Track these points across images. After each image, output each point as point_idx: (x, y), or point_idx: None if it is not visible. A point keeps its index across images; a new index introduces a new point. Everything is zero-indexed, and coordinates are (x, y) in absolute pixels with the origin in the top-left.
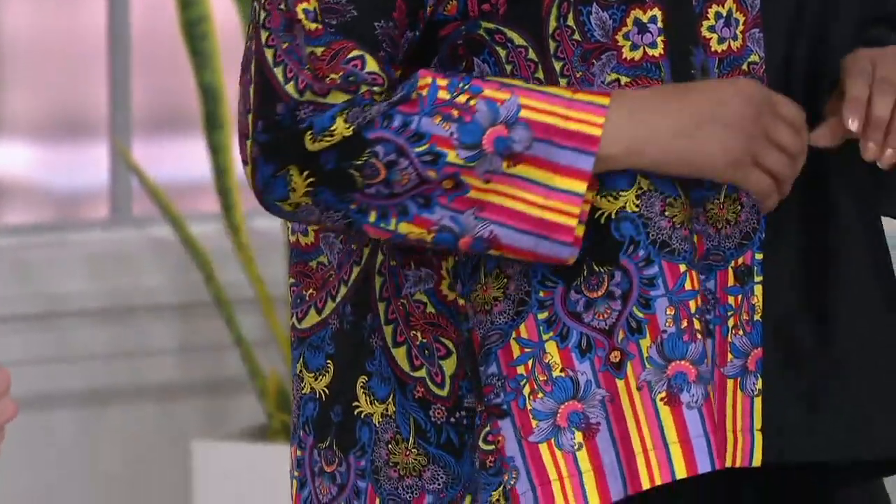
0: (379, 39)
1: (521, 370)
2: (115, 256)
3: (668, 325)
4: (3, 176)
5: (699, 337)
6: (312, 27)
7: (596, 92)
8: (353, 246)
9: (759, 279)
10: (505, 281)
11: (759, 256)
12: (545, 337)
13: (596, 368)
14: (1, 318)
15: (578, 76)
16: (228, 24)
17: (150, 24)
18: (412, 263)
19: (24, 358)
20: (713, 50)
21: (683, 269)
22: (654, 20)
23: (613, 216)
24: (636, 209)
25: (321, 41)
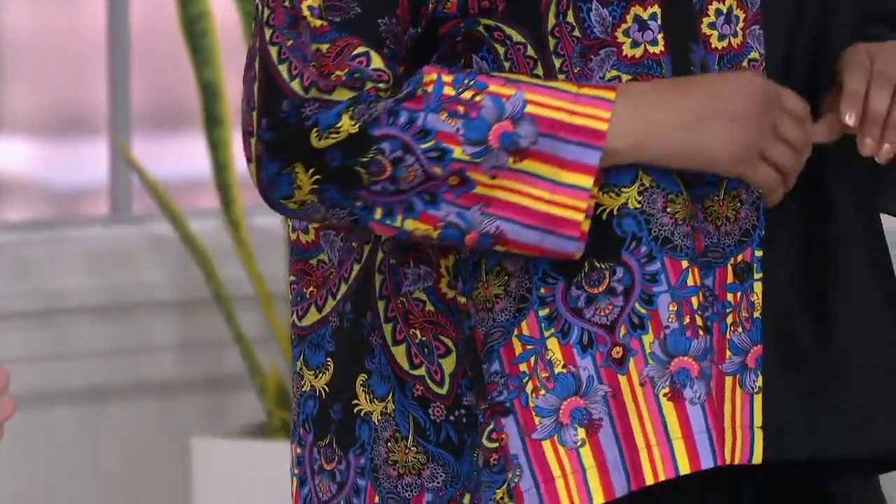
0: (383, 36)
1: (523, 367)
2: (114, 253)
3: (670, 320)
4: (3, 172)
5: (701, 333)
6: (318, 24)
7: (601, 86)
8: (353, 244)
9: (758, 276)
10: (506, 278)
11: (758, 253)
12: (546, 333)
13: (598, 364)
14: (0, 315)
15: (577, 72)
16: (228, 20)
17: (149, 21)
18: (411, 261)
19: (23, 355)
20: (713, 47)
21: (685, 265)
22: (654, 17)
23: (615, 212)
24: (638, 205)
25: (326, 38)
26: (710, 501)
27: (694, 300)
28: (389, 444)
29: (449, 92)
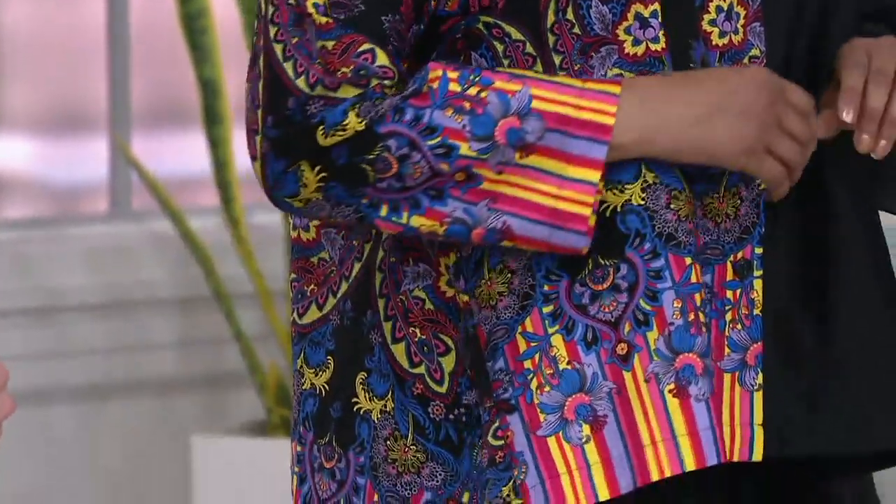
0: (387, 33)
1: (527, 364)
2: (114, 251)
3: (675, 317)
4: (2, 170)
5: (704, 330)
6: (323, 21)
7: (606, 81)
8: (354, 242)
9: (758, 273)
10: (509, 276)
11: (758, 251)
12: (551, 330)
13: (602, 361)
14: (0, 312)
15: (577, 69)
16: (228, 18)
17: (149, 18)
18: (411, 260)
19: (23, 352)
20: (714, 44)
21: (689, 261)
22: (655, 15)
23: (619, 209)
24: (642, 202)
25: (332, 35)
26: (711, 500)
27: (697, 297)
28: (389, 442)
29: (454, 88)
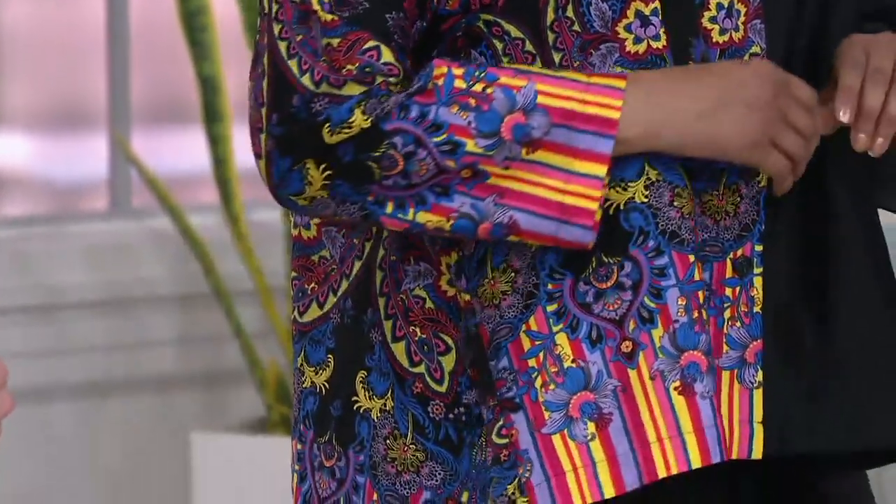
0: (391, 31)
1: (532, 363)
2: (114, 248)
3: (679, 314)
4: (2, 167)
5: (706, 328)
6: (329, 18)
7: (612, 75)
8: (354, 240)
9: (758, 271)
10: (512, 275)
11: (759, 248)
12: (555, 329)
13: (607, 359)
14: (0, 309)
15: (577, 66)
16: (228, 15)
17: (149, 15)
18: (412, 258)
19: (22, 350)
20: (714, 41)
21: (692, 259)
22: (655, 12)
23: (622, 207)
24: (645, 199)
25: (337, 32)
26: (711, 497)
27: (700, 294)
28: (388, 441)
29: (460, 85)
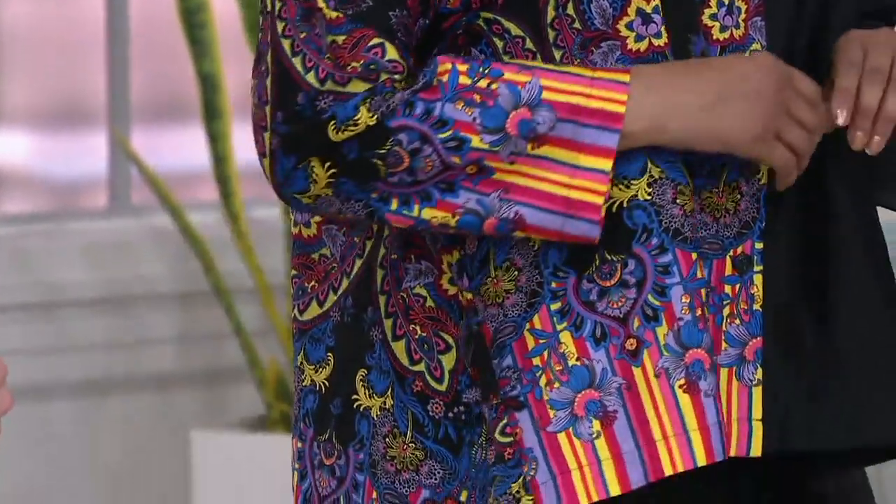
0: (395, 28)
1: (536, 361)
2: (113, 245)
3: (683, 312)
4: (1, 165)
5: (708, 325)
6: (334, 16)
7: (615, 70)
8: (355, 239)
9: (758, 268)
10: (516, 273)
11: (759, 246)
12: (559, 327)
13: (611, 356)
14: None
15: (577, 64)
16: (227, 12)
17: (148, 12)
18: (412, 257)
19: (22, 348)
20: (715, 38)
21: (695, 257)
22: (657, 10)
23: (625, 204)
24: (648, 197)
25: (342, 29)
26: (712, 494)
27: (703, 292)
28: (388, 439)
29: (464, 81)
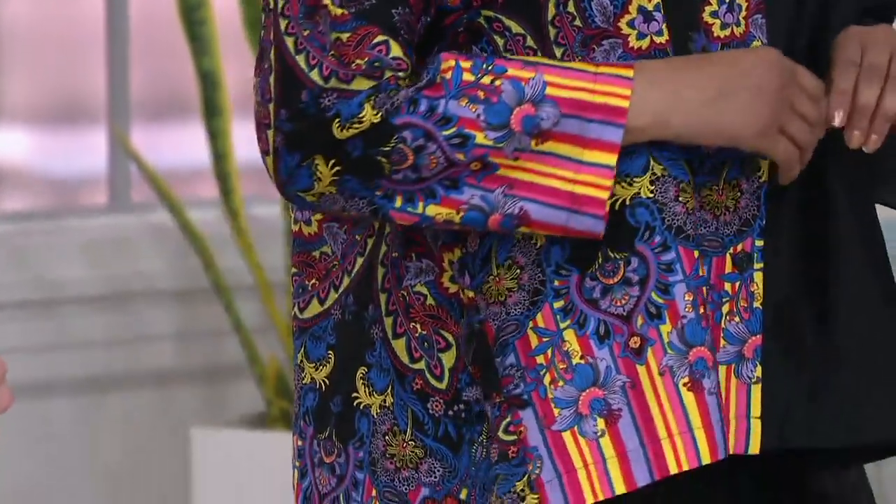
0: (398, 26)
1: (540, 360)
2: (113, 243)
3: (687, 310)
4: (1, 162)
5: (710, 323)
6: (339, 13)
7: (618, 65)
8: (356, 236)
9: (759, 266)
10: (518, 271)
11: (759, 243)
12: (563, 325)
13: (615, 354)
14: None
15: (578, 61)
16: (227, 9)
17: (148, 9)
18: (413, 255)
19: (21, 345)
20: (716, 35)
21: (697, 254)
22: (658, 7)
23: (628, 202)
24: (651, 195)
25: (347, 27)
26: (712, 492)
27: (705, 290)
28: (387, 437)
29: (468, 78)
